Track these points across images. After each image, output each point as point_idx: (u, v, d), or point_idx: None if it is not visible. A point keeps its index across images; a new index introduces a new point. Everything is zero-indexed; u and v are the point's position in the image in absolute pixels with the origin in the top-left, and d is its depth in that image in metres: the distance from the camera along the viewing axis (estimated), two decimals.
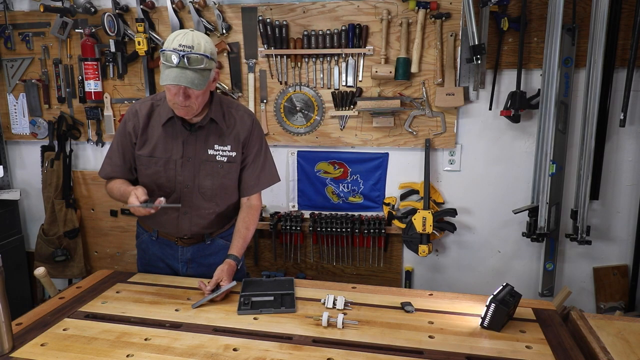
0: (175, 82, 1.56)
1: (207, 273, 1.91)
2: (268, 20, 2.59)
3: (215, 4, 2.60)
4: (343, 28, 2.54)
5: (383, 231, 2.67)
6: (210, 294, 1.64)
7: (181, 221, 1.84)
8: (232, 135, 1.81)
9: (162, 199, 1.63)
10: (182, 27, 2.67)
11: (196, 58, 1.57)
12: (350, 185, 2.79)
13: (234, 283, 1.70)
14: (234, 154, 1.81)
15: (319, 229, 2.73)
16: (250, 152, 1.85)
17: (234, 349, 1.37)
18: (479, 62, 2.34)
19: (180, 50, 1.55)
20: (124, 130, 1.82)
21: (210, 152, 1.79)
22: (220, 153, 1.80)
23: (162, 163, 1.78)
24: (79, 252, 3.06)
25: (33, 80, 2.92)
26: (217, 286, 1.68)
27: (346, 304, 1.63)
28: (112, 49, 2.73)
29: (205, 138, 1.79)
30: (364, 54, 2.56)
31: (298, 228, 2.75)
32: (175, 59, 1.55)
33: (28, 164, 3.14)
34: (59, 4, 2.74)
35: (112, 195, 1.88)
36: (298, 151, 2.80)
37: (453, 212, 2.62)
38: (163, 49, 1.59)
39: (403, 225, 2.66)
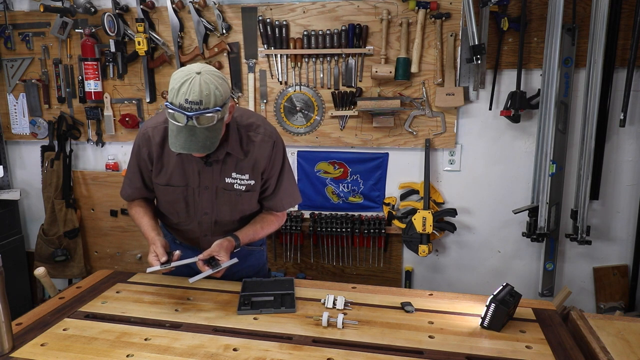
0: (185, 150, 1.45)
1: (227, 274, 1.87)
2: (268, 20, 2.59)
3: (215, 4, 2.59)
4: (343, 28, 2.54)
5: (383, 231, 2.67)
6: (210, 270, 1.60)
7: (202, 242, 1.82)
8: (250, 163, 1.69)
9: (178, 252, 1.62)
10: (182, 27, 2.67)
11: (207, 117, 1.40)
12: (350, 185, 2.79)
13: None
14: (252, 182, 1.71)
15: (319, 229, 2.73)
16: (270, 176, 1.75)
17: (234, 349, 1.36)
18: (479, 62, 2.34)
19: (188, 109, 1.38)
20: (138, 154, 1.74)
21: (228, 180, 1.70)
22: (238, 182, 1.71)
23: (180, 191, 1.73)
24: (79, 252, 3.06)
25: (33, 80, 2.92)
26: (215, 262, 1.63)
27: (346, 304, 1.62)
28: (112, 49, 2.73)
29: (221, 167, 1.70)
30: (364, 54, 2.56)
31: (298, 228, 2.75)
32: (182, 119, 1.39)
33: (28, 164, 3.14)
34: (59, 4, 2.74)
35: (133, 220, 1.86)
36: (298, 151, 2.80)
37: (453, 212, 2.62)
38: (167, 102, 1.42)
39: (403, 225, 2.66)
